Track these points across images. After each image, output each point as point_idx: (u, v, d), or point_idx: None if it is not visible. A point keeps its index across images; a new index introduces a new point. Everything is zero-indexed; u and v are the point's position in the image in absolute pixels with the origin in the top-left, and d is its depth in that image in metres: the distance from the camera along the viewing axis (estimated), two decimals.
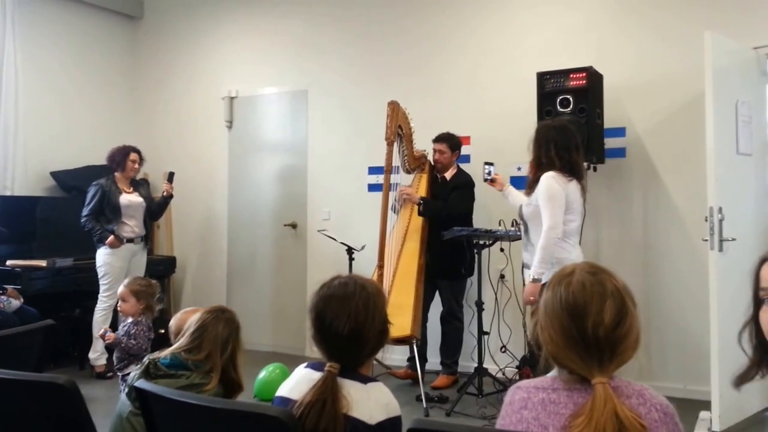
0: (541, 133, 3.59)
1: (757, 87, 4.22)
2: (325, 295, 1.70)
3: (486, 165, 4.15)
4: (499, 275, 4.82)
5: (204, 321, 2.31)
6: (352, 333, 1.64)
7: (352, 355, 1.67)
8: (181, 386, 2.19)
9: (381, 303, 1.73)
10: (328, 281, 1.74)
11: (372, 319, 1.67)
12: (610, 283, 1.35)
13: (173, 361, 2.28)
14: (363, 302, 1.67)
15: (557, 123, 3.71)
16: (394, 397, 1.68)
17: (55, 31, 6.13)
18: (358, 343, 1.67)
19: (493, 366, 4.58)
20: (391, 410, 1.64)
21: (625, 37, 4.64)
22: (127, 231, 5.09)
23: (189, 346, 2.29)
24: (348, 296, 1.68)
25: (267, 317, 6.05)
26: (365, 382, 1.66)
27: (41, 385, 1.88)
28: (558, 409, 1.30)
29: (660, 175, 4.52)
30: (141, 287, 3.47)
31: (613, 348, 1.30)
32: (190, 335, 2.30)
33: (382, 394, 1.66)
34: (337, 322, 1.65)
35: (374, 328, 1.68)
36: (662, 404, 1.30)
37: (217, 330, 2.30)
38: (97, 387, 4.70)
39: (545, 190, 3.45)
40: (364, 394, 1.62)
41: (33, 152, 5.77)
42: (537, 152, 3.57)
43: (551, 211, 3.43)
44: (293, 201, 5.99)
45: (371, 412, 1.59)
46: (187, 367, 2.26)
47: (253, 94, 6.22)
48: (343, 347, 1.66)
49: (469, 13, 5.22)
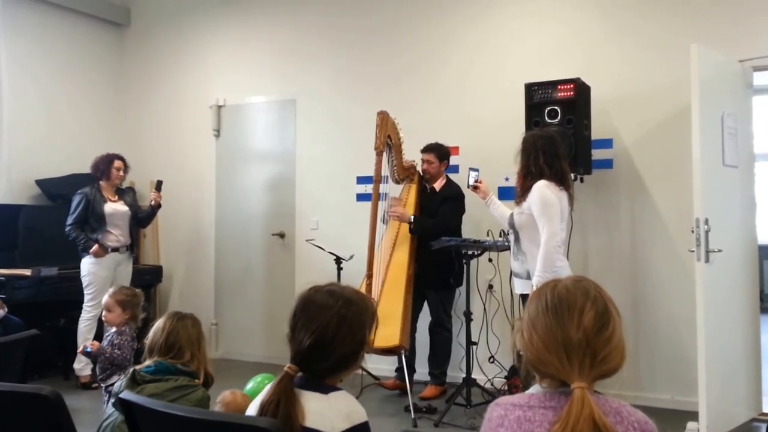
0: (529, 142, 3.62)
1: (742, 99, 4.26)
2: (308, 298, 1.69)
3: (471, 171, 4.12)
4: (487, 285, 4.83)
5: (173, 326, 2.41)
6: (314, 345, 1.61)
7: (311, 365, 1.63)
8: (170, 389, 2.26)
9: (359, 323, 1.66)
10: (320, 286, 1.72)
11: (341, 337, 1.62)
12: (594, 290, 1.36)
13: (158, 367, 2.33)
14: (337, 318, 1.63)
15: (544, 132, 3.74)
16: (359, 405, 1.63)
17: (41, 38, 6.09)
18: (320, 356, 1.62)
19: (482, 376, 4.57)
20: (355, 418, 1.59)
21: (613, 49, 4.68)
22: (112, 240, 5.04)
23: (172, 353, 2.37)
24: (325, 308, 1.64)
25: (255, 327, 6.01)
26: (326, 392, 1.61)
27: (25, 396, 1.86)
28: (533, 428, 1.30)
29: (647, 187, 4.55)
30: (126, 297, 3.44)
31: (594, 353, 1.29)
32: (165, 342, 2.38)
33: (343, 402, 1.62)
34: (304, 330, 1.63)
35: (341, 347, 1.63)
36: (640, 421, 1.28)
37: (188, 331, 2.42)
38: (83, 397, 4.64)
39: (540, 198, 3.46)
40: (325, 404, 1.58)
41: (18, 160, 5.72)
42: (525, 161, 3.58)
43: (549, 219, 3.44)
44: (281, 210, 5.97)
45: (333, 422, 1.56)
46: (173, 371, 2.32)
47: (241, 102, 6.21)
48: (303, 354, 1.63)
49: (457, 23, 5.25)
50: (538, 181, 3.52)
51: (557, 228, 3.45)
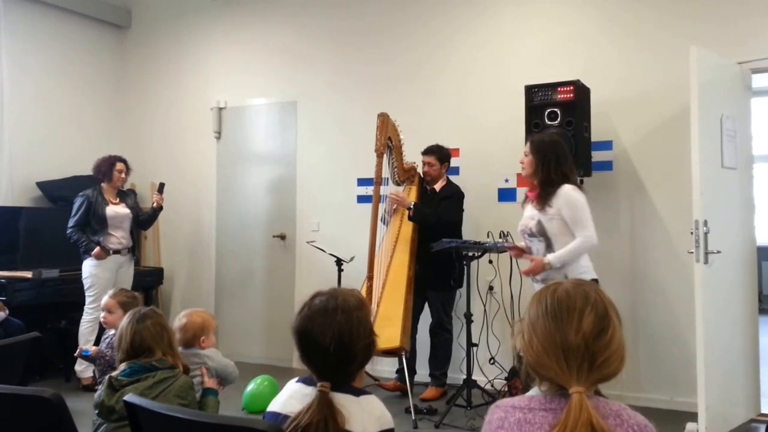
0: (548, 148, 3.51)
1: (741, 101, 4.27)
2: (307, 315, 1.67)
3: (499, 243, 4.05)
4: (487, 287, 4.84)
5: (135, 329, 2.43)
6: (339, 349, 1.62)
7: (341, 371, 1.65)
8: (149, 386, 2.29)
9: (364, 315, 1.70)
10: (309, 300, 1.71)
11: (357, 333, 1.65)
12: (594, 294, 1.36)
13: (133, 368, 2.37)
14: (346, 317, 1.64)
15: (556, 138, 3.64)
16: (386, 410, 1.67)
17: (42, 40, 6.11)
18: (347, 359, 1.64)
19: (482, 378, 4.58)
20: (384, 422, 1.63)
21: (613, 51, 4.69)
22: (113, 242, 5.05)
23: (143, 355, 2.40)
24: (330, 313, 1.65)
25: (255, 329, 6.02)
26: (357, 395, 1.64)
27: (26, 398, 1.87)
28: (533, 430, 1.30)
29: (646, 188, 4.56)
30: (128, 299, 3.45)
31: (592, 357, 1.29)
32: (131, 346, 2.41)
33: (374, 406, 1.65)
34: (323, 340, 1.62)
35: (360, 342, 1.66)
36: (640, 425, 1.28)
37: (150, 331, 2.43)
38: (84, 399, 4.63)
39: (574, 202, 3.42)
40: (357, 407, 1.61)
41: (19, 162, 5.74)
42: (545, 168, 3.48)
43: (586, 221, 3.42)
44: (282, 212, 5.98)
45: (364, 425, 1.58)
46: (150, 369, 2.36)
47: (242, 104, 6.22)
48: (331, 365, 1.63)
49: (457, 25, 5.26)
50: (562, 185, 3.45)
51: (593, 231, 3.43)
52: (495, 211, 4.96)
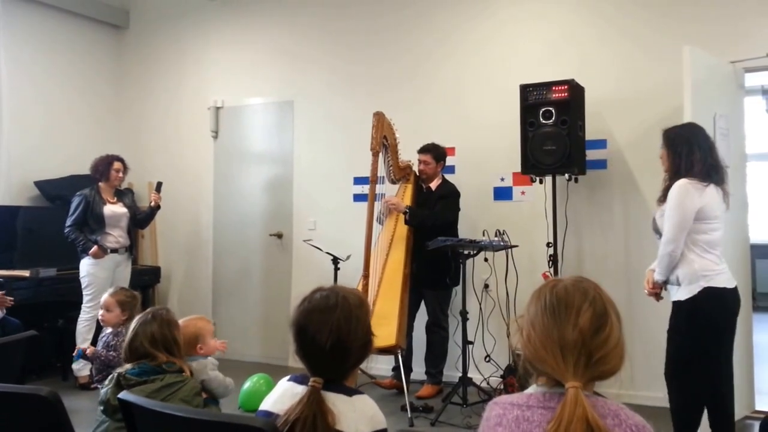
0: (681, 137, 3.27)
1: (734, 100, 4.30)
2: (306, 309, 1.68)
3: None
4: (483, 285, 4.86)
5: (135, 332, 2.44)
6: (335, 347, 1.62)
7: (336, 368, 1.65)
8: (156, 389, 2.28)
9: (363, 314, 1.70)
10: (309, 294, 1.71)
11: (355, 331, 1.65)
12: (594, 291, 1.37)
13: (143, 369, 2.36)
14: (345, 315, 1.65)
15: (690, 125, 3.39)
16: (379, 409, 1.66)
17: (40, 40, 6.12)
18: (342, 357, 1.65)
19: (478, 375, 4.61)
20: (377, 422, 1.62)
21: (607, 51, 4.71)
22: (111, 241, 5.07)
23: (146, 358, 2.40)
24: (329, 309, 1.65)
25: (252, 327, 6.04)
26: (350, 395, 1.64)
27: (23, 397, 1.87)
28: (531, 428, 1.31)
29: (640, 187, 4.58)
30: (127, 298, 3.47)
31: (589, 353, 1.29)
32: (129, 348, 2.42)
33: (367, 406, 1.64)
34: (320, 337, 1.62)
35: (357, 340, 1.66)
36: (639, 425, 1.28)
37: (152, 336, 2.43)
38: (81, 398, 4.66)
39: (670, 199, 3.20)
40: (349, 407, 1.61)
41: (17, 161, 5.74)
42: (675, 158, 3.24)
43: (670, 224, 3.18)
44: (279, 211, 6.00)
45: (357, 425, 1.58)
46: (158, 371, 2.36)
47: (239, 104, 6.24)
48: (326, 361, 1.63)
49: (453, 25, 5.27)
50: (680, 179, 3.20)
51: (676, 235, 3.17)
52: (490, 210, 4.99)
